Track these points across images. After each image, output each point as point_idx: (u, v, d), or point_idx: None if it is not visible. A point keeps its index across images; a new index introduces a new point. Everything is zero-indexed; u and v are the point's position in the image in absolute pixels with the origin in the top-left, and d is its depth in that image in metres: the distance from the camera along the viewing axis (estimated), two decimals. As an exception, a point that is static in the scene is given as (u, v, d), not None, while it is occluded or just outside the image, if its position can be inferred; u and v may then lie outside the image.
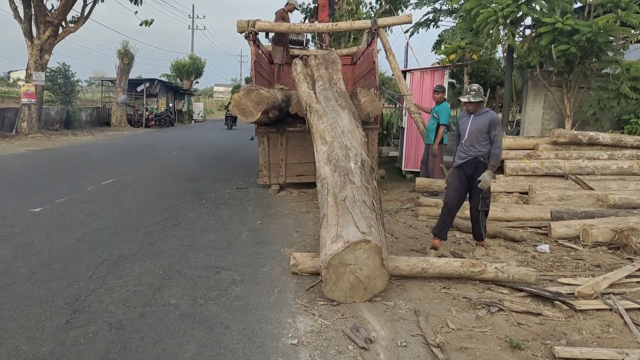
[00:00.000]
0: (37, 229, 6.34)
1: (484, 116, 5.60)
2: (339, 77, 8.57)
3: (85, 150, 16.02)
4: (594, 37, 8.89)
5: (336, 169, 5.67)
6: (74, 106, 25.89)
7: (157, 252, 5.64)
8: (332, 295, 4.33)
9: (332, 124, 6.68)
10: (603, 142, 9.16)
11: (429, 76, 11.58)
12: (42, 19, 19.68)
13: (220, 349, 3.52)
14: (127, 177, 10.77)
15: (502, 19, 9.45)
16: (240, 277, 4.94)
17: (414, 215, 7.69)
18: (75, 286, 4.52)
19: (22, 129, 19.86)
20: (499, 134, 5.56)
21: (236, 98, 7.98)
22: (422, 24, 16.54)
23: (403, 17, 10.90)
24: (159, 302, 4.27)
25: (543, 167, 8.47)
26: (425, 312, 4.17)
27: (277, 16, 11.40)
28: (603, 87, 10.11)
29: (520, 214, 7.26)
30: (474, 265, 4.79)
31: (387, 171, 11.96)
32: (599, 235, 6.20)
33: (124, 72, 29.61)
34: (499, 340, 3.71)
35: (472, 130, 5.62)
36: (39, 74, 20.30)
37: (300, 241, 6.32)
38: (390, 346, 3.61)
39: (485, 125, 5.54)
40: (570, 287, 4.66)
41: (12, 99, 28.56)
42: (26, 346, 3.44)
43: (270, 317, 4.05)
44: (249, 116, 7.92)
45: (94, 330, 3.69)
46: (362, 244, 4.26)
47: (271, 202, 8.73)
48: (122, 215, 7.31)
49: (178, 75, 44.65)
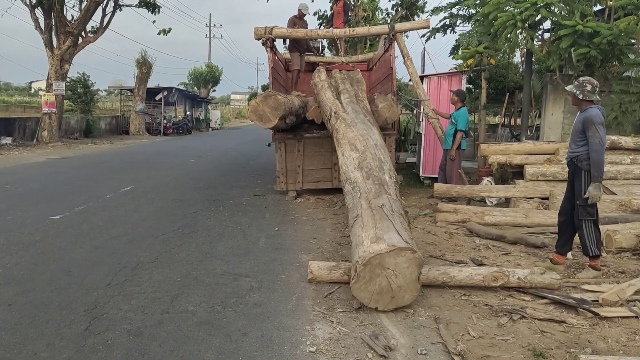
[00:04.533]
0: (57, 237, 6.39)
1: (583, 114, 5.10)
2: (364, 96, 8.79)
3: (104, 159, 16.18)
4: (614, 40, 8.75)
5: (369, 177, 5.68)
6: (94, 115, 26.19)
7: (175, 259, 5.64)
8: (358, 293, 4.25)
9: (363, 134, 6.75)
10: (625, 146, 8.98)
11: (446, 81, 11.50)
12: (62, 30, 19.99)
13: (239, 356, 3.49)
14: (145, 184, 10.84)
15: (520, 22, 9.34)
16: (258, 284, 4.92)
17: (432, 222, 7.61)
18: (94, 293, 4.54)
19: (43, 138, 20.14)
20: (594, 134, 4.94)
21: (254, 104, 8.00)
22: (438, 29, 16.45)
23: (421, 22, 10.86)
24: (177, 309, 4.26)
25: (564, 172, 8.29)
26: (445, 320, 4.09)
27: (290, 23, 11.46)
28: (625, 90, 9.94)
29: (541, 219, 7.14)
30: (495, 280, 4.69)
31: (405, 177, 11.89)
32: (622, 240, 6.06)
33: (142, 81, 29.90)
34: (522, 349, 3.63)
35: (573, 128, 5.23)
36: (59, 84, 20.60)
37: (317, 247, 6.28)
38: (410, 354, 3.55)
39: (581, 123, 5.07)
40: (595, 294, 4.56)
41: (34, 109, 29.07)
42: (45, 353, 3.45)
43: (288, 324, 4.02)
44: (267, 122, 7.93)
45: (112, 337, 3.69)
46: (407, 252, 4.20)
47: (288, 209, 8.71)
48: (140, 222, 7.34)
49: (195, 84, 45.10)
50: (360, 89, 8.94)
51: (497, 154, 9.37)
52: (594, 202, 5.04)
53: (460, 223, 7.34)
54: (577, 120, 5.18)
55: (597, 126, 4.95)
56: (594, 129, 4.95)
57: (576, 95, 5.13)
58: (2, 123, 19.64)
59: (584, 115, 5.07)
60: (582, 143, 5.08)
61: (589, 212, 5.14)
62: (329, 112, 7.89)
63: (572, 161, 5.22)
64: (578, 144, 5.14)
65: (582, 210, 5.14)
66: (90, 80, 25.69)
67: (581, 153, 5.10)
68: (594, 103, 5.11)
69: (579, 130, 5.12)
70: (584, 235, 5.17)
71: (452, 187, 8.58)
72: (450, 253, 5.97)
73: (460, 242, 6.52)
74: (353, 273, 4.32)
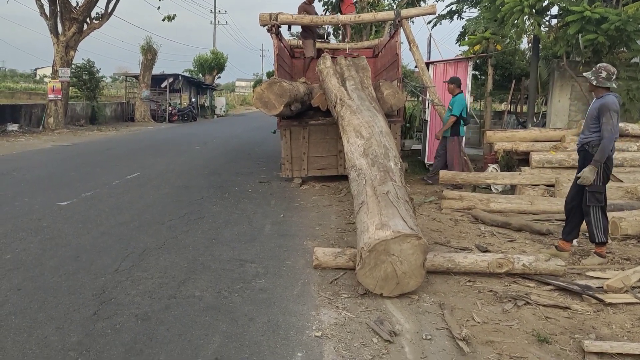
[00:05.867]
0: (64, 222, 6.44)
1: (599, 100, 5.06)
2: (370, 83, 8.74)
3: (110, 145, 16.23)
4: (622, 26, 8.66)
5: (374, 164, 5.68)
6: (99, 102, 26.20)
7: (181, 245, 5.69)
8: (363, 280, 4.28)
9: (368, 121, 6.73)
10: (632, 133, 8.94)
11: (452, 68, 11.42)
12: (67, 16, 19.95)
13: (245, 340, 3.53)
14: (151, 171, 10.88)
15: (527, 8, 9.27)
16: (264, 269, 4.95)
17: (437, 209, 7.61)
18: (102, 278, 4.58)
19: (49, 125, 20.20)
20: (607, 121, 4.91)
21: (259, 91, 8.00)
22: (445, 15, 16.33)
23: (427, 8, 10.78)
24: (184, 294, 4.30)
25: (570, 159, 8.29)
26: (450, 306, 4.12)
27: (300, 10, 11.38)
28: (632, 77, 9.85)
29: (546, 206, 7.14)
30: (500, 266, 4.70)
31: (410, 164, 11.86)
32: (628, 228, 6.06)
33: (147, 67, 29.85)
34: (526, 334, 3.65)
35: (587, 114, 5.20)
36: (65, 70, 20.61)
37: (323, 234, 6.31)
38: (415, 339, 3.58)
39: (596, 109, 5.03)
40: (600, 281, 4.57)
41: (39, 96, 29.06)
42: (55, 337, 3.50)
43: (294, 309, 4.05)
44: (272, 109, 7.93)
45: (120, 322, 3.74)
46: (412, 239, 4.21)
47: (294, 196, 8.74)
48: (147, 208, 7.39)
49: (200, 71, 44.94)
50: (365, 76, 8.90)
51: (503, 141, 9.36)
52: (583, 183, 5.05)
53: (465, 210, 7.34)
54: (592, 107, 5.15)
55: (611, 113, 4.93)
56: (609, 115, 4.93)
57: (591, 81, 5.10)
58: (8, 110, 19.71)
59: (600, 102, 5.04)
60: (595, 129, 5.06)
61: (597, 199, 5.12)
62: (334, 99, 7.88)
63: (584, 147, 5.20)
64: (591, 130, 5.11)
65: (590, 197, 5.12)
66: (95, 67, 25.67)
67: (593, 139, 5.08)
68: (610, 90, 5.08)
69: (593, 116, 5.08)
70: (591, 222, 5.15)
71: (457, 174, 8.57)
72: (455, 240, 5.98)
73: (466, 229, 6.53)
74: (358, 259, 4.35)
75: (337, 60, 9.70)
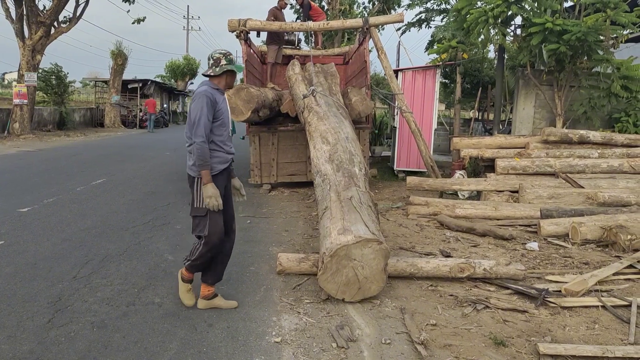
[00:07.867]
0: (24, 229, 6.29)
1: None
2: (338, 89, 8.77)
3: (77, 151, 15.93)
4: (584, 37, 8.90)
5: (339, 169, 5.70)
6: (67, 107, 25.72)
7: (144, 251, 5.60)
8: (325, 285, 4.27)
9: (335, 127, 6.76)
10: (594, 141, 9.16)
11: (420, 75, 11.57)
12: (34, 19, 19.56)
13: (203, 347, 3.48)
14: (118, 177, 10.72)
15: (492, 19, 9.45)
16: (227, 276, 4.87)
17: (404, 214, 7.67)
18: (59, 285, 4.48)
19: (14, 130, 19.73)
20: None
21: (226, 97, 7.94)
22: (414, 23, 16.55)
23: (395, 16, 10.90)
24: (144, 301, 4.23)
25: (534, 165, 8.46)
26: (411, 310, 4.14)
27: (270, 14, 11.37)
28: (594, 85, 10.13)
29: (510, 212, 7.25)
30: (462, 271, 4.76)
31: (380, 170, 11.96)
32: (587, 233, 6.19)
33: (118, 72, 29.46)
34: (484, 337, 3.69)
35: None
36: (31, 75, 20.18)
37: (289, 240, 6.29)
38: (374, 344, 3.59)
39: None
40: (558, 285, 4.65)
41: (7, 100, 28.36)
42: (6, 345, 3.40)
43: (254, 315, 4.02)
44: (239, 115, 7.91)
45: (75, 330, 3.65)
46: (373, 243, 4.22)
47: (262, 202, 8.70)
48: (111, 214, 7.26)
49: (172, 76, 44.53)
50: (334, 82, 8.95)
51: (470, 147, 9.49)
52: None
53: (431, 216, 7.42)
54: None
55: None
56: None
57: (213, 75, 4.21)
58: (-29, 114, 19.21)
59: None
60: None
61: None
62: (302, 105, 7.89)
63: None
64: None
65: None
66: (63, 71, 25.22)
67: None
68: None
69: None
70: None
71: (424, 180, 8.65)
72: (420, 245, 6.03)
73: (431, 234, 6.59)
74: (320, 264, 4.34)
75: (306, 66, 9.73)
